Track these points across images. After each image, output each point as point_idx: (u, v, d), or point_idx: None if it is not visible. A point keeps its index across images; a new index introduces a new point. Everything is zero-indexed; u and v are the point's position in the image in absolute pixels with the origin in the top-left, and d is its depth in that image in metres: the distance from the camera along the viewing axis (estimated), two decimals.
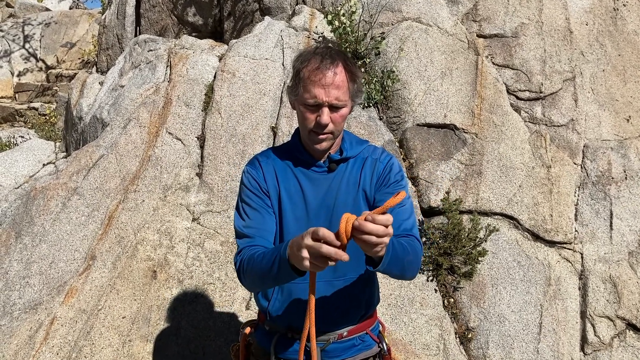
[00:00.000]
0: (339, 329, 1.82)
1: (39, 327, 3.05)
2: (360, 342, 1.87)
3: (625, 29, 4.66)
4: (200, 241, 3.44)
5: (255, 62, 4.17)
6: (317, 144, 1.71)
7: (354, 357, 1.86)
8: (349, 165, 1.81)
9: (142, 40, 4.91)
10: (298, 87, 1.67)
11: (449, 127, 3.98)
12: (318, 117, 1.65)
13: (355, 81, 1.69)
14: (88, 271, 3.26)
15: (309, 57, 1.67)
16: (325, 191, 1.77)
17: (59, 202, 3.52)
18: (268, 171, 1.80)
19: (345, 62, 1.66)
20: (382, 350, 1.92)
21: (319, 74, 1.62)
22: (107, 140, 3.88)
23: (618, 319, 3.61)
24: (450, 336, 3.39)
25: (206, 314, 3.20)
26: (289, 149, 1.86)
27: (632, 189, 3.97)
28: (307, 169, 1.79)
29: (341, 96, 1.64)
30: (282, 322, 1.81)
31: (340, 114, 1.67)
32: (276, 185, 1.79)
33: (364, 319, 1.88)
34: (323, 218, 1.75)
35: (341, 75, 1.64)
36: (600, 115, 4.23)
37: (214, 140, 3.81)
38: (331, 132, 1.69)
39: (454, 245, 3.52)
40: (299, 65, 1.68)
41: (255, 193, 1.78)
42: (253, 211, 1.76)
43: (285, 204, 1.77)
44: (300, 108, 1.70)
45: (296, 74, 1.69)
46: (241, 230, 1.76)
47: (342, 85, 1.64)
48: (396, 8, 4.46)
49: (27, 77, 11.01)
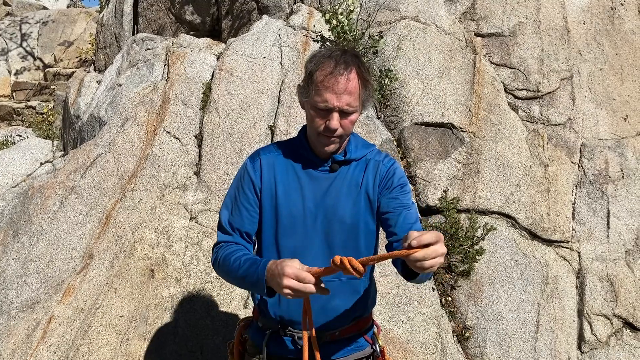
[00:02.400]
0: (332, 328, 1.81)
1: (37, 326, 3.05)
2: (353, 343, 1.87)
3: (623, 28, 4.67)
4: (198, 240, 3.44)
5: (253, 61, 4.17)
6: (325, 146, 1.72)
7: (346, 357, 1.86)
8: (351, 167, 1.81)
9: (140, 38, 4.90)
10: (310, 90, 1.67)
11: (447, 126, 3.99)
12: (327, 122, 1.65)
13: (367, 87, 1.68)
14: (86, 270, 3.26)
15: (323, 60, 1.66)
16: (325, 191, 1.77)
17: (56, 201, 3.52)
18: (267, 167, 1.81)
19: (359, 67, 1.66)
20: (375, 351, 1.91)
21: (332, 79, 1.61)
22: (105, 139, 3.87)
23: (615, 317, 3.63)
24: (448, 335, 3.40)
25: (204, 313, 3.20)
26: (294, 145, 1.86)
27: (629, 187, 3.98)
28: (310, 168, 1.80)
29: (352, 102, 1.64)
30: (274, 317, 1.81)
31: (349, 120, 1.68)
32: (272, 180, 1.79)
33: (359, 320, 1.88)
34: (321, 217, 1.76)
35: (354, 82, 1.63)
36: (597, 114, 4.24)
37: (212, 139, 3.80)
38: (340, 136, 1.70)
39: (452, 244, 3.53)
40: (313, 67, 1.67)
41: (245, 192, 1.80)
42: (238, 209, 1.79)
43: (281, 199, 1.77)
44: (310, 110, 1.70)
45: (309, 76, 1.68)
46: (223, 222, 1.82)
47: (354, 91, 1.64)
48: (394, 7, 4.47)
49: (24, 76, 10.99)
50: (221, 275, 1.77)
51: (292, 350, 1.80)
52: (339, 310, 1.80)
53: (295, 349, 1.79)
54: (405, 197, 1.79)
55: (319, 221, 1.75)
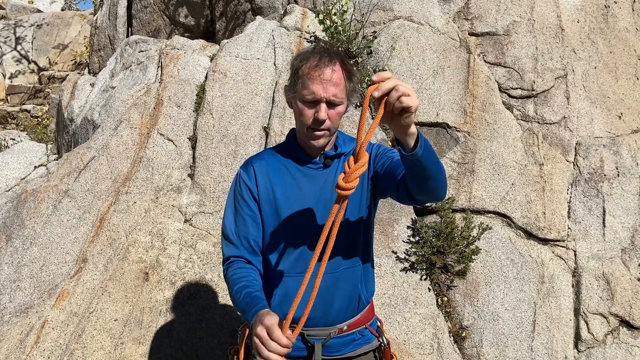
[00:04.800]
0: (339, 323, 1.84)
1: (30, 331, 3.03)
2: (360, 336, 1.91)
3: (617, 26, 4.67)
4: (193, 242, 3.42)
5: (247, 62, 4.15)
6: (314, 140, 1.74)
7: (354, 351, 1.89)
8: (342, 160, 1.86)
9: (133, 41, 4.88)
10: (296, 85, 1.71)
11: (441, 125, 3.98)
12: (316, 113, 1.69)
13: (351, 80, 1.73)
14: (79, 274, 3.24)
15: (307, 55, 1.72)
16: (321, 186, 1.81)
17: (50, 205, 3.50)
18: (261, 173, 1.83)
19: (342, 61, 1.71)
20: (382, 343, 1.95)
21: (318, 71, 1.66)
22: (98, 142, 3.85)
23: (611, 315, 3.62)
24: (444, 335, 3.39)
25: (199, 316, 3.18)
26: (284, 148, 1.90)
27: (624, 185, 3.98)
28: (303, 166, 1.83)
29: (338, 93, 1.68)
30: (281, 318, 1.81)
31: (337, 111, 1.72)
32: (269, 186, 1.81)
33: (363, 312, 1.91)
34: (320, 212, 1.78)
35: (339, 73, 1.68)
36: (592, 112, 4.23)
37: (206, 141, 3.79)
38: (328, 129, 1.73)
39: (447, 244, 3.52)
40: (298, 63, 1.72)
41: (245, 200, 1.82)
42: (242, 217, 1.81)
43: (280, 202, 1.79)
44: (298, 105, 1.73)
45: (295, 72, 1.73)
46: (229, 234, 1.82)
47: (340, 82, 1.68)
48: (388, 7, 4.46)
49: (19, 79, 10.94)
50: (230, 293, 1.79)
51: (301, 348, 1.82)
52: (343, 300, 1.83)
53: (305, 346, 1.82)
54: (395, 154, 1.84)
55: (319, 216, 1.79)
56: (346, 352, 1.87)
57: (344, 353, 1.87)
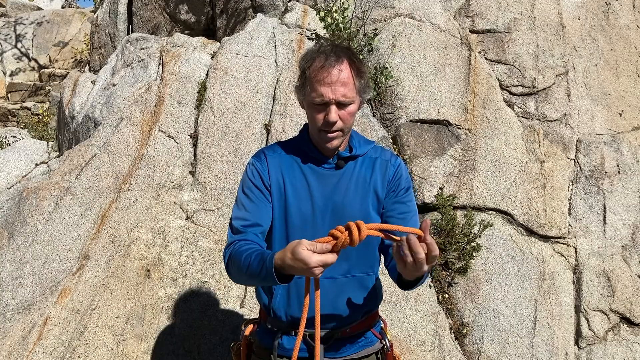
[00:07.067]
0: (342, 325, 1.82)
1: (32, 328, 3.04)
2: (363, 338, 1.89)
3: (617, 23, 4.67)
4: (194, 240, 3.43)
5: (248, 60, 4.15)
6: (327, 142, 1.72)
7: (357, 353, 1.88)
8: (357, 163, 1.82)
9: (134, 38, 4.88)
10: (305, 87, 1.69)
11: (442, 123, 3.98)
12: (326, 116, 1.66)
13: (361, 77, 1.69)
14: (81, 271, 3.25)
15: (313, 56, 1.68)
16: (332, 188, 1.77)
17: (51, 202, 3.50)
18: (273, 165, 1.80)
19: (351, 58, 1.67)
20: (385, 346, 1.93)
21: (324, 72, 1.63)
22: (100, 139, 3.86)
23: (612, 312, 3.63)
24: (445, 332, 3.40)
25: (200, 313, 3.19)
26: (297, 144, 1.85)
27: (625, 183, 3.99)
28: (315, 165, 1.79)
29: (348, 93, 1.65)
30: (285, 318, 1.81)
31: (348, 111, 1.68)
32: (281, 179, 1.78)
33: (367, 316, 1.89)
34: (330, 214, 1.76)
35: (346, 72, 1.64)
36: (593, 109, 4.24)
37: (207, 139, 3.79)
38: (340, 130, 1.70)
39: (448, 241, 3.53)
40: (305, 64, 1.69)
41: (256, 185, 1.78)
42: (251, 203, 1.76)
43: (290, 198, 1.76)
44: (309, 107, 1.71)
45: (302, 73, 1.70)
46: (235, 222, 1.76)
47: (348, 81, 1.65)
48: (389, 4, 4.46)
49: (19, 77, 10.94)
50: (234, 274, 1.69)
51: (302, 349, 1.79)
52: (350, 306, 1.81)
53: (307, 347, 1.79)
54: (411, 202, 1.82)
55: (328, 218, 1.75)
56: (348, 354, 1.85)
57: (346, 355, 1.85)
